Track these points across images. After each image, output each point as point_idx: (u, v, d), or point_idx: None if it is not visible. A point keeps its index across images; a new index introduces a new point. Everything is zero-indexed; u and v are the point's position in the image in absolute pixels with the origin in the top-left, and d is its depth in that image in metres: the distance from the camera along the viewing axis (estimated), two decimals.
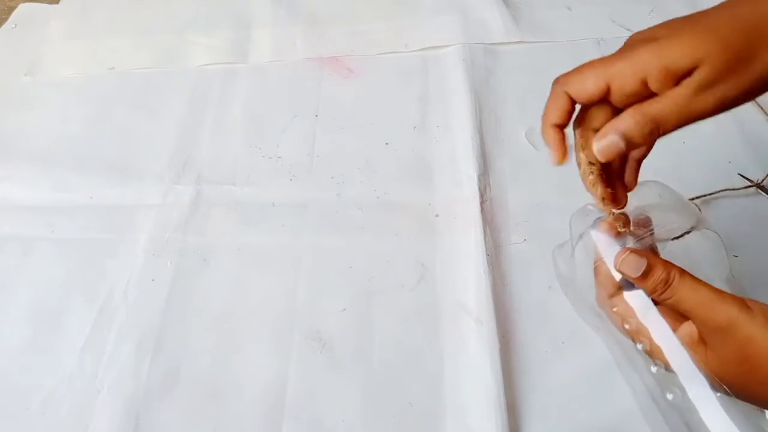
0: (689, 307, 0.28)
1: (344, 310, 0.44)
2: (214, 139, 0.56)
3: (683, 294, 0.28)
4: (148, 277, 0.47)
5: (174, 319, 0.45)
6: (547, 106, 0.31)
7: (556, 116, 0.30)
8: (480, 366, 0.40)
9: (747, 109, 0.54)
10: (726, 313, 0.26)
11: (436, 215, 0.49)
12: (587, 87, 0.29)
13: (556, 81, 0.30)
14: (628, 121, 0.28)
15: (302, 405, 0.40)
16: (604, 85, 0.28)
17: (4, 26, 0.71)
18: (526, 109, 0.56)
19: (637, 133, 0.28)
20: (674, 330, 0.30)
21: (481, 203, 0.49)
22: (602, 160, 0.29)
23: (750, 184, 0.49)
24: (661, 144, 0.29)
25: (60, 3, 0.73)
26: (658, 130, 0.28)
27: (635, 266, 0.29)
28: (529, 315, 0.43)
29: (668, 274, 0.28)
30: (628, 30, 0.62)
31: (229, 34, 0.66)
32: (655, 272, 0.29)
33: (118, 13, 0.71)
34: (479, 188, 0.49)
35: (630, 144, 0.28)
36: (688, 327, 0.29)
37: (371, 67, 0.61)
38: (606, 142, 0.28)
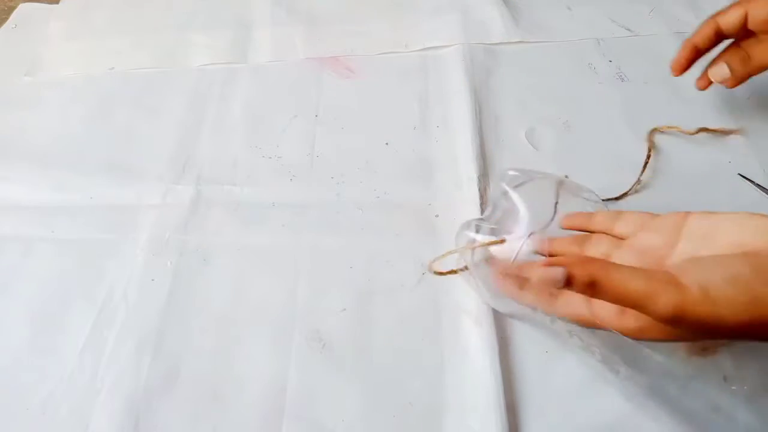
0: (627, 305, 0.27)
1: (344, 310, 0.44)
2: (214, 139, 0.57)
3: (614, 293, 0.27)
4: (148, 277, 0.47)
5: (174, 319, 0.45)
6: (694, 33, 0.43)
7: (698, 39, 0.43)
8: (480, 366, 0.40)
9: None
10: (664, 304, 0.25)
11: (436, 215, 0.49)
12: (730, 19, 0.40)
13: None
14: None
15: (302, 405, 0.40)
16: (743, 14, 0.39)
17: (4, 26, 0.71)
18: (526, 109, 0.56)
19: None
20: (620, 320, 0.29)
21: (481, 204, 0.49)
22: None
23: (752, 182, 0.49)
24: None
25: (60, 3, 0.73)
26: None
27: (554, 278, 0.27)
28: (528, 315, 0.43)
29: (590, 275, 0.27)
30: (628, 30, 0.62)
31: (229, 34, 0.66)
32: (577, 278, 0.27)
33: (118, 13, 0.71)
34: (479, 189, 0.49)
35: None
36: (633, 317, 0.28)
37: (371, 67, 0.61)
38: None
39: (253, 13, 0.69)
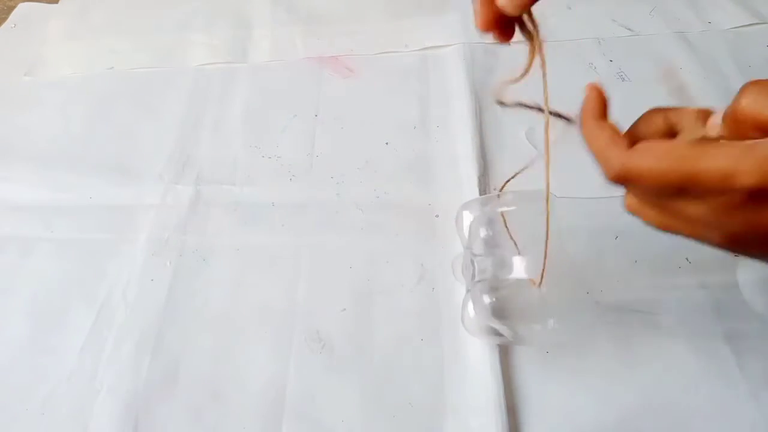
0: None
1: (344, 310, 0.44)
2: (214, 139, 0.56)
3: None
4: (148, 277, 0.47)
5: (173, 319, 0.45)
6: None
7: None
8: (480, 366, 0.40)
9: None
10: None
11: (436, 215, 0.49)
12: None
13: None
14: None
15: (302, 405, 0.40)
16: None
17: (3, 26, 0.71)
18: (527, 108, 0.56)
19: None
20: None
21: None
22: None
23: None
24: None
25: (60, 3, 0.73)
26: None
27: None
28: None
29: None
30: (629, 29, 0.62)
31: (229, 33, 0.66)
32: None
33: (118, 13, 0.71)
34: (479, 189, 0.49)
35: None
36: None
37: (371, 67, 0.61)
38: None
39: (253, 13, 0.69)
